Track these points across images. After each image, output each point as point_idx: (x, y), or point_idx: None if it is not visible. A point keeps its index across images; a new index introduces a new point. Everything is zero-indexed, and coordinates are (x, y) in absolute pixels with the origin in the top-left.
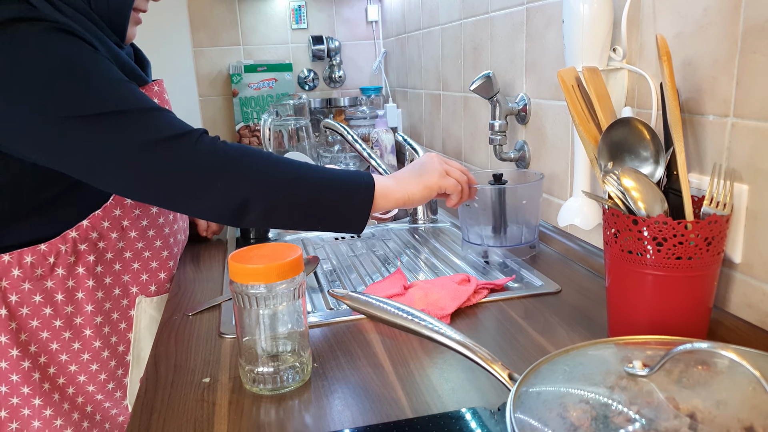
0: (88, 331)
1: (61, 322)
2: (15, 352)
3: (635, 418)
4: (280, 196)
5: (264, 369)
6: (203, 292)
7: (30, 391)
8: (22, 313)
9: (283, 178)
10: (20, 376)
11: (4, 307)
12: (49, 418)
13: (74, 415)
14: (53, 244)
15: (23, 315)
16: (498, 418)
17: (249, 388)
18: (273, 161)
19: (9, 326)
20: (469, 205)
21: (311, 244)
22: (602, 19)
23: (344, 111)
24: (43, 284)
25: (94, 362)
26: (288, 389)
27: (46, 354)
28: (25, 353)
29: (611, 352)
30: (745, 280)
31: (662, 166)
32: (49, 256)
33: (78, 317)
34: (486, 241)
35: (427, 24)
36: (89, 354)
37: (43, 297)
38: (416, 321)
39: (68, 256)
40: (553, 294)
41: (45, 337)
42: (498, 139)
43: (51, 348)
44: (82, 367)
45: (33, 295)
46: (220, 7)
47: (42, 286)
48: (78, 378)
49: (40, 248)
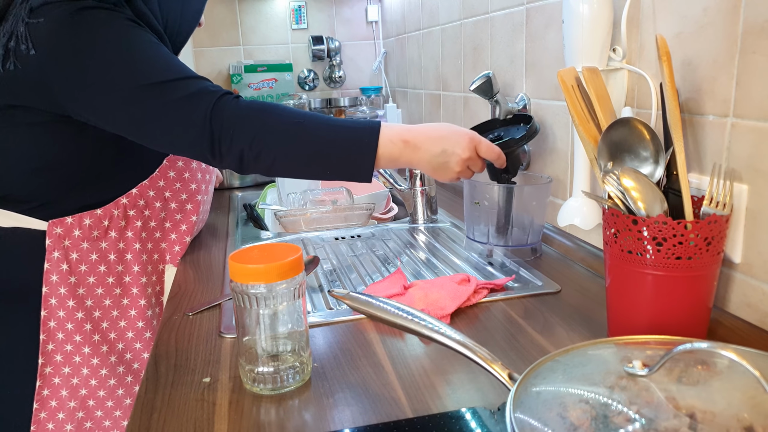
0: (135, 290)
1: (113, 279)
2: (71, 303)
3: (635, 418)
4: (290, 154)
5: (264, 369)
6: (203, 292)
7: (81, 339)
8: (81, 269)
9: (295, 141)
10: (74, 326)
11: (66, 263)
12: (96, 367)
13: (120, 368)
14: (108, 209)
15: (82, 271)
16: (498, 418)
17: (249, 388)
18: (287, 120)
19: (68, 280)
20: (477, 203)
21: (311, 244)
22: (602, 19)
23: (344, 111)
24: (99, 245)
25: (140, 320)
26: (288, 389)
27: (100, 309)
28: (81, 306)
29: (611, 352)
30: (745, 280)
31: (662, 166)
32: (104, 219)
33: (127, 276)
34: (491, 240)
35: (427, 24)
36: (136, 311)
37: (98, 256)
38: (416, 321)
39: (119, 220)
40: (553, 294)
41: (99, 293)
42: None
43: (104, 303)
44: (129, 323)
45: (90, 253)
46: (220, 7)
47: (98, 246)
48: (126, 334)
49: (97, 212)
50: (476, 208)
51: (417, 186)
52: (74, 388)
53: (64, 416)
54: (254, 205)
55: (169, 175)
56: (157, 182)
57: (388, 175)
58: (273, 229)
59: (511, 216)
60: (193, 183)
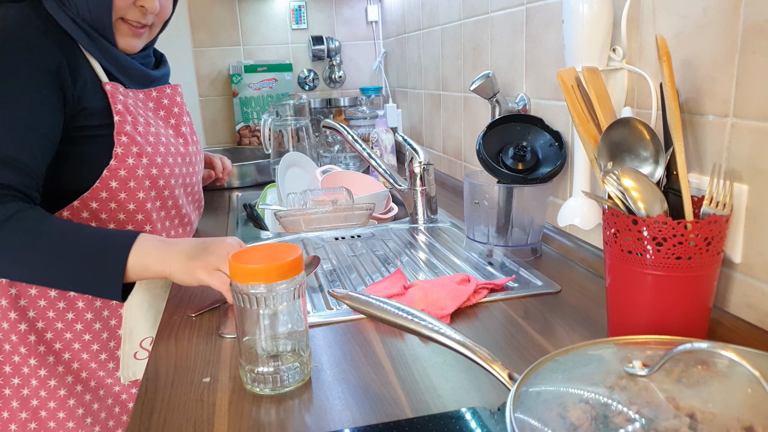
0: (81, 303)
1: (56, 293)
2: (13, 315)
3: (635, 418)
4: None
5: (264, 369)
6: (203, 292)
7: (26, 351)
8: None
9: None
10: (18, 337)
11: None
12: (44, 378)
13: (68, 378)
14: None
15: (23, 284)
16: (498, 418)
17: (249, 388)
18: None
19: (9, 291)
20: (477, 203)
21: (311, 244)
22: (602, 19)
23: (344, 111)
24: None
25: (87, 332)
26: (288, 389)
27: (44, 320)
28: (23, 317)
29: (611, 352)
30: (745, 280)
31: (662, 166)
32: None
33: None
34: (491, 240)
35: (427, 24)
36: (82, 324)
37: None
38: (416, 321)
39: None
40: (553, 294)
41: (42, 305)
42: None
43: (48, 315)
44: (75, 336)
45: None
46: (220, 7)
47: None
48: (73, 345)
49: None
50: (476, 208)
51: (417, 186)
52: (25, 399)
53: (16, 427)
54: (254, 205)
55: (111, 186)
56: (98, 193)
57: (388, 175)
58: (273, 229)
59: (511, 216)
60: (141, 191)
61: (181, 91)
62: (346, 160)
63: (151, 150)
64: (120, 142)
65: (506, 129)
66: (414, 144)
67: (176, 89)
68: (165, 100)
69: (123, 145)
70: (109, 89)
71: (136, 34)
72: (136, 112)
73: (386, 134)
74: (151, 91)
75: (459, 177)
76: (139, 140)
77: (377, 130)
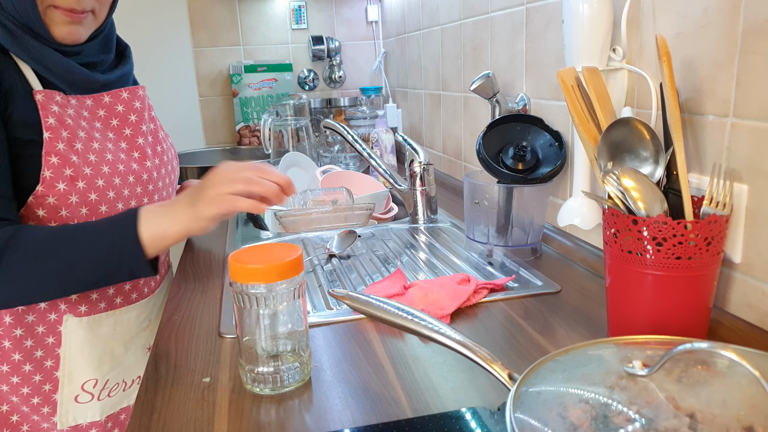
0: (7, 343)
1: None
2: None
3: (635, 418)
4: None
5: (264, 369)
6: (203, 292)
7: None
8: None
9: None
10: None
11: None
12: None
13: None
14: None
15: None
16: (498, 418)
17: (249, 388)
18: (35, 251)
19: None
20: (477, 203)
21: (311, 244)
22: (602, 19)
23: (344, 111)
24: None
25: (15, 375)
26: (288, 389)
27: None
28: None
29: (611, 352)
30: (745, 280)
31: (662, 166)
32: None
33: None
34: (491, 240)
35: (427, 24)
36: (8, 366)
37: None
38: (416, 321)
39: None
40: (553, 294)
41: None
42: None
43: None
44: (2, 378)
45: None
46: (220, 7)
47: None
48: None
49: None
50: (476, 208)
51: (417, 186)
52: None
53: None
54: None
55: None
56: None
57: (388, 175)
58: (273, 229)
59: (511, 216)
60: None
61: (143, 93)
62: (346, 160)
63: (90, 171)
64: (48, 163)
65: (506, 129)
66: (414, 144)
67: (135, 92)
68: (119, 106)
69: (52, 168)
70: (40, 99)
71: (75, 20)
72: (76, 125)
73: (386, 134)
74: (102, 97)
75: (459, 177)
76: (74, 160)
77: (377, 130)
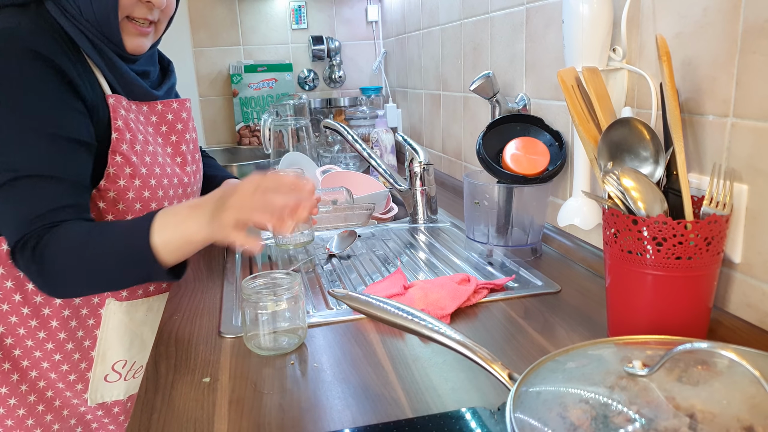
0: (55, 323)
1: (29, 310)
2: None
3: (635, 418)
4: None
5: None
6: (203, 292)
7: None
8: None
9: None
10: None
11: None
12: (3, 396)
13: (30, 397)
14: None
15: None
16: (498, 418)
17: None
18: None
19: None
20: (477, 203)
21: (311, 245)
22: (602, 19)
23: (344, 111)
24: (16, 272)
25: (58, 352)
26: (285, 351)
27: (13, 336)
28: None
29: (611, 352)
30: (745, 280)
31: (662, 166)
32: None
33: (46, 308)
34: (491, 240)
35: (427, 24)
36: (53, 344)
37: (14, 284)
38: (416, 321)
39: None
40: (553, 294)
41: (13, 321)
42: None
43: (18, 332)
44: (45, 355)
45: (5, 280)
46: (220, 7)
47: (14, 273)
48: (41, 364)
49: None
50: (476, 208)
51: (417, 186)
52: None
53: None
54: None
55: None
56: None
57: (388, 175)
58: None
59: (511, 216)
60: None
61: (189, 106)
62: (346, 160)
63: (145, 171)
64: (113, 161)
65: (506, 129)
66: (414, 144)
67: (184, 104)
68: (169, 115)
69: (116, 165)
70: (112, 102)
71: (143, 33)
72: (136, 128)
73: (386, 134)
74: (156, 105)
75: (459, 177)
76: (134, 160)
77: (377, 130)
